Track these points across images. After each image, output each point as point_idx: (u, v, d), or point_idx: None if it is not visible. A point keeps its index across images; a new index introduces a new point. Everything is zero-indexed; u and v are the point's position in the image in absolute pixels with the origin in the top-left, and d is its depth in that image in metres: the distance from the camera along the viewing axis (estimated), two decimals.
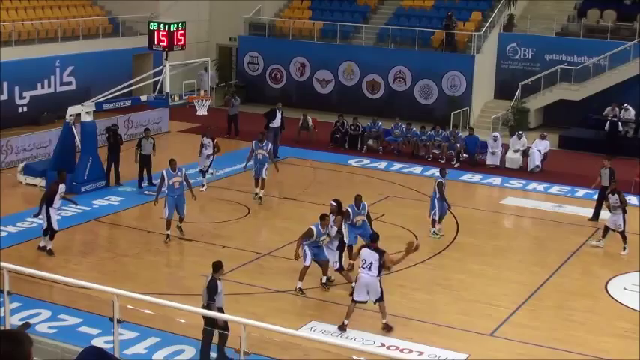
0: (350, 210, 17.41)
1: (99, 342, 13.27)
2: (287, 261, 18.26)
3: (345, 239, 17.22)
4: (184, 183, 19.61)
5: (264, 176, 22.19)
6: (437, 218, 19.91)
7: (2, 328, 11.60)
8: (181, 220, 19.50)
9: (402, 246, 15.44)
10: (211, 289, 13.23)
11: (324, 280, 16.79)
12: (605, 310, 16.37)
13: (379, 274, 14.81)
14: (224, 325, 12.67)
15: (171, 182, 19.28)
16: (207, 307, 13.08)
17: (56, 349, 12.72)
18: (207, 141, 23.50)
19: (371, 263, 14.74)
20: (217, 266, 13.59)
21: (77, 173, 22.83)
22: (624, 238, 19.24)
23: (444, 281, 17.57)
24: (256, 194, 22.33)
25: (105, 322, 12.30)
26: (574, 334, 15.23)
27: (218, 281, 13.36)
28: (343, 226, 17.17)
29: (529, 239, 21.03)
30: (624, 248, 19.19)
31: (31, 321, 13.70)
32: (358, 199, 17.65)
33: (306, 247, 16.32)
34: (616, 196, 19.23)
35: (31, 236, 19.19)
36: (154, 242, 19.23)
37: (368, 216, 17.74)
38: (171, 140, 29.18)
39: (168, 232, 19.25)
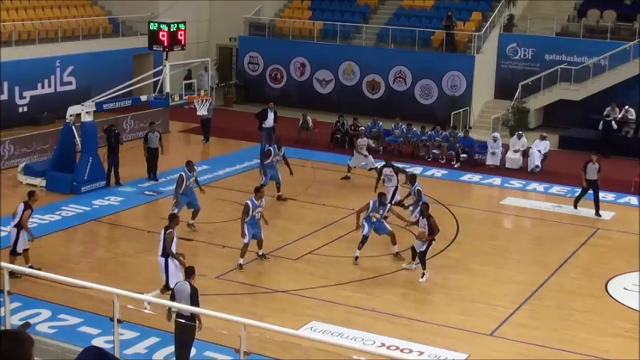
0: (371, 204, 18.26)
1: (99, 342, 13.27)
2: (287, 261, 18.32)
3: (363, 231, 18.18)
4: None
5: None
6: None
7: (2, 328, 11.61)
8: (196, 212, 19.93)
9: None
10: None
11: (260, 253, 18.21)
12: (605, 310, 16.35)
13: None
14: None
15: (188, 183, 19.74)
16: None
17: (56, 349, 12.74)
18: (388, 171, 21.76)
19: None
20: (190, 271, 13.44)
21: (77, 173, 22.84)
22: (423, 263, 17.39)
23: (443, 281, 17.56)
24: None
25: (105, 322, 12.32)
26: (574, 334, 15.22)
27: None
28: (361, 216, 18.30)
29: (529, 239, 21.03)
30: (422, 274, 17.35)
31: (31, 321, 13.72)
32: (381, 197, 18.52)
33: (246, 226, 17.60)
34: (425, 220, 17.36)
35: None
36: (154, 242, 19.20)
37: None
38: (171, 140, 29.13)
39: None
